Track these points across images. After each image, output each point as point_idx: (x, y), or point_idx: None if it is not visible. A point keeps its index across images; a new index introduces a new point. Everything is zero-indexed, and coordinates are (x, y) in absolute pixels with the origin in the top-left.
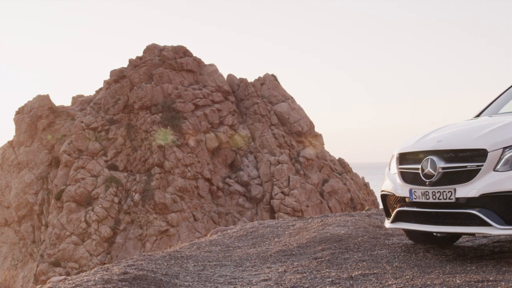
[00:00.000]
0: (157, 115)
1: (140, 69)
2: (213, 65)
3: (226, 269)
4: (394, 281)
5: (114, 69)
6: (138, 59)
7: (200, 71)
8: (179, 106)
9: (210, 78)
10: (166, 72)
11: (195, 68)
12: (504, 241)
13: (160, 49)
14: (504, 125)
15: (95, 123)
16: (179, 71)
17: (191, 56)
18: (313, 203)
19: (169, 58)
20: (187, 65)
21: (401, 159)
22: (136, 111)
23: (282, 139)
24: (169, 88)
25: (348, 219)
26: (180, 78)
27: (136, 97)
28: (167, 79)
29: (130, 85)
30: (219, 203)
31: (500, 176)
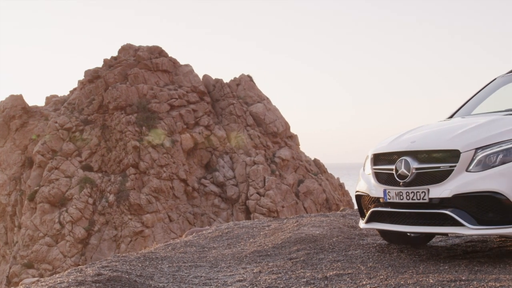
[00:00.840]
0: (132, 115)
1: (115, 69)
2: (188, 65)
3: (201, 270)
4: (368, 281)
5: (88, 69)
6: (113, 59)
7: (176, 72)
8: (154, 107)
9: (186, 79)
10: (141, 72)
11: (170, 68)
12: (477, 240)
13: (135, 49)
14: (477, 126)
15: (69, 123)
16: (154, 71)
17: (166, 57)
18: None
19: (144, 58)
20: (162, 66)
21: (375, 159)
22: (111, 111)
23: (258, 139)
24: (144, 89)
25: (323, 219)
26: (155, 78)
27: (111, 98)
28: (142, 79)
29: (104, 85)
30: (195, 203)
31: (473, 176)
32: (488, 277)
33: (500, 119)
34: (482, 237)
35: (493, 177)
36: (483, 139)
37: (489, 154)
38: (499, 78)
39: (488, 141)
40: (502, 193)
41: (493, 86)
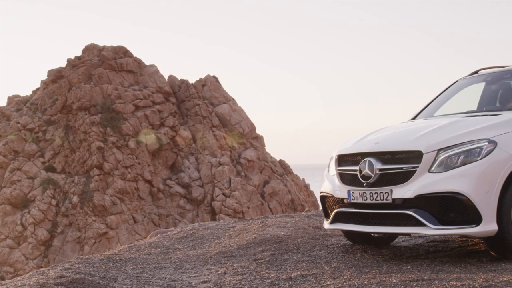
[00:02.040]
0: (96, 116)
1: (78, 69)
2: (153, 65)
3: (165, 272)
4: (332, 281)
5: (51, 69)
6: (76, 59)
7: (141, 72)
8: (119, 107)
9: (151, 79)
10: (106, 72)
11: (135, 68)
12: (439, 240)
13: (99, 49)
14: (439, 127)
15: (32, 124)
16: (119, 71)
17: (131, 57)
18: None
19: (108, 58)
20: (127, 66)
21: (339, 160)
22: (74, 111)
23: (223, 140)
24: (109, 89)
25: (288, 220)
26: (120, 78)
27: (75, 98)
28: (107, 79)
29: (68, 85)
30: (160, 205)
31: (435, 177)
32: (450, 276)
33: (461, 121)
34: (444, 237)
35: (454, 178)
36: (444, 141)
37: (450, 155)
38: (460, 80)
39: (449, 142)
40: (463, 194)
41: (455, 88)
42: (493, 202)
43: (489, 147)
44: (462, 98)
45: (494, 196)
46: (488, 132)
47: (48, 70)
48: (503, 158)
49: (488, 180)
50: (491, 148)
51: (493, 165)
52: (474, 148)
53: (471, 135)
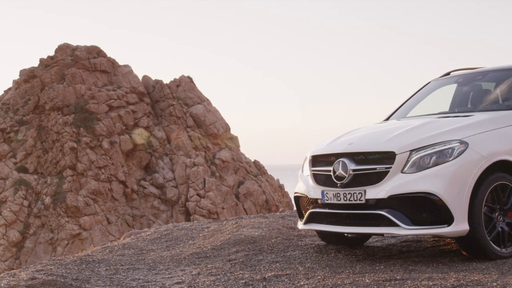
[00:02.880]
0: (70, 116)
1: (51, 69)
2: (127, 66)
3: (139, 273)
4: (306, 281)
5: (24, 69)
6: (49, 59)
7: (115, 72)
8: (93, 107)
9: (125, 79)
10: (79, 72)
11: (109, 68)
12: (411, 240)
13: (72, 48)
14: (411, 128)
15: (3, 124)
16: (92, 71)
17: (105, 57)
18: (228, 205)
19: (82, 58)
20: (101, 66)
21: (313, 161)
22: (47, 112)
23: (198, 141)
24: (82, 89)
25: (262, 220)
26: (93, 78)
27: (48, 98)
28: (80, 79)
29: (41, 85)
30: (134, 205)
31: (407, 178)
32: (422, 276)
33: (433, 122)
34: (416, 237)
35: (426, 178)
36: (417, 141)
37: (423, 155)
38: (432, 81)
39: (422, 143)
40: (435, 194)
41: (427, 89)
42: (465, 202)
43: (461, 148)
44: (434, 99)
45: (466, 197)
46: (460, 133)
47: (20, 70)
48: (474, 159)
49: (460, 181)
50: (463, 149)
51: (464, 165)
52: (446, 149)
53: (443, 136)
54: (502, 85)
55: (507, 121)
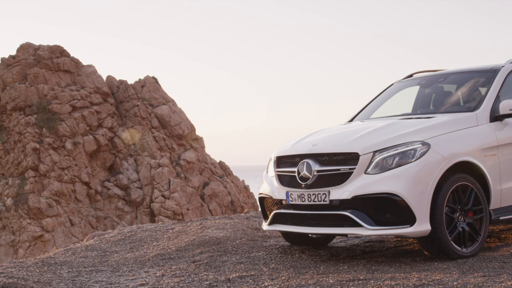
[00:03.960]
0: (32, 116)
1: (13, 69)
2: (91, 66)
3: (102, 275)
4: (270, 282)
5: None
6: (11, 58)
7: (78, 72)
8: (56, 108)
9: (89, 79)
10: (42, 72)
11: (72, 68)
12: (375, 241)
13: (35, 48)
14: (375, 130)
15: None
16: (55, 71)
17: (68, 56)
18: (193, 206)
19: (45, 58)
20: (64, 66)
21: (278, 162)
22: (8, 112)
23: (163, 142)
24: (45, 89)
25: (227, 221)
26: (56, 78)
27: (9, 98)
28: (43, 79)
29: (2, 85)
30: (98, 207)
31: (371, 178)
32: (385, 276)
33: (396, 123)
34: (379, 237)
35: (389, 179)
36: (380, 142)
37: (386, 156)
38: (396, 83)
39: (385, 144)
40: (398, 195)
41: (391, 91)
42: (427, 202)
43: (423, 149)
44: (397, 101)
45: (428, 197)
46: (422, 134)
47: None
48: (436, 160)
49: (422, 181)
50: (425, 150)
51: (426, 166)
52: (408, 150)
53: (405, 137)
54: (463, 87)
55: (467, 123)
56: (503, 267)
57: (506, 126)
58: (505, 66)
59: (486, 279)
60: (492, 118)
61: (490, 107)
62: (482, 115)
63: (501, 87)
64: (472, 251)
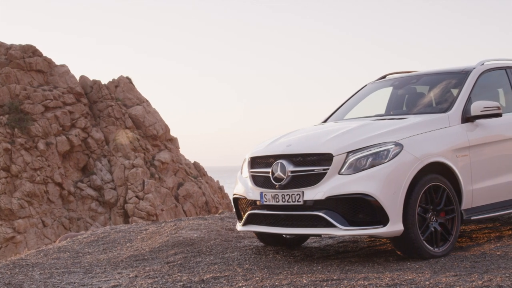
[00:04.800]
0: (3, 116)
1: None
2: (64, 65)
3: (74, 276)
4: (244, 283)
5: None
6: None
7: (51, 72)
8: (28, 108)
9: (62, 79)
10: (14, 72)
11: (45, 68)
12: (348, 241)
13: (6, 47)
14: (348, 130)
15: None
16: (27, 71)
17: (41, 56)
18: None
19: (16, 57)
20: (36, 65)
21: (252, 163)
22: None
23: (137, 142)
24: (17, 89)
25: (201, 222)
26: (29, 78)
27: None
28: (15, 79)
29: None
30: (71, 208)
31: (344, 179)
32: (358, 276)
33: (370, 124)
34: (353, 237)
35: (363, 180)
36: (354, 143)
37: (359, 157)
38: (369, 84)
39: (358, 145)
40: (371, 195)
41: (364, 92)
42: (400, 203)
43: (396, 149)
44: (371, 102)
45: (401, 197)
46: (395, 135)
47: None
48: (409, 160)
49: (395, 182)
50: (398, 150)
51: (399, 167)
52: (381, 151)
53: (379, 138)
54: (435, 88)
55: (440, 124)
56: (474, 267)
57: (478, 127)
58: (476, 68)
59: (457, 278)
60: (463, 119)
61: (461, 108)
62: (454, 116)
63: (473, 89)
64: (444, 251)
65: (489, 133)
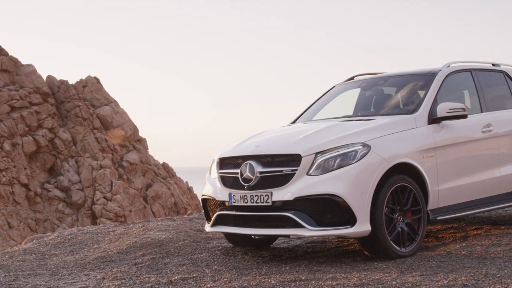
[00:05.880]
0: None
1: None
2: (31, 65)
3: (40, 278)
4: (212, 284)
5: None
6: None
7: (17, 72)
8: None
9: (28, 79)
10: None
11: (11, 68)
12: (317, 241)
13: None
14: (317, 131)
15: None
16: None
17: (6, 55)
18: (136, 208)
19: None
20: (2, 65)
21: (221, 163)
22: None
23: (105, 143)
24: None
25: (169, 223)
26: None
27: None
28: None
29: None
30: (37, 209)
31: (313, 180)
32: (326, 276)
33: (338, 125)
34: (321, 238)
35: (331, 180)
36: (322, 144)
37: (327, 158)
38: (337, 85)
39: (327, 145)
40: (339, 196)
41: (333, 93)
42: (367, 203)
43: (364, 150)
44: (339, 103)
45: (368, 198)
46: (363, 136)
47: None
48: (376, 161)
49: (363, 183)
50: (365, 151)
51: (367, 167)
52: (349, 152)
53: (347, 139)
54: (402, 90)
55: (407, 125)
56: (440, 266)
57: (444, 128)
58: (442, 70)
59: (423, 278)
60: (430, 120)
61: (428, 109)
62: (420, 117)
63: (439, 90)
64: (410, 251)
65: (454, 134)
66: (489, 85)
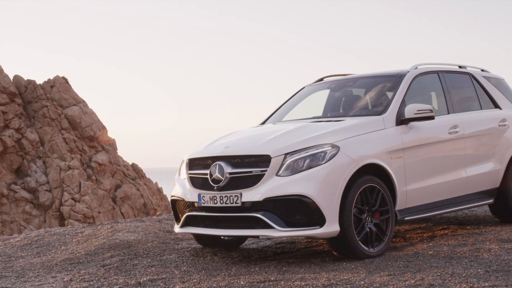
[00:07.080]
0: None
1: None
2: None
3: (6, 281)
4: (181, 285)
5: None
6: None
7: None
8: None
9: None
10: None
11: None
12: (286, 242)
13: None
14: (286, 132)
15: None
16: None
17: None
18: (105, 209)
19: None
20: None
21: (190, 164)
22: None
23: (73, 143)
24: None
25: (138, 224)
26: None
27: None
28: None
29: None
30: (3, 210)
31: (282, 180)
32: (295, 277)
33: (307, 126)
34: (290, 238)
35: (300, 181)
36: (292, 145)
37: (297, 159)
38: (307, 87)
39: (296, 146)
40: (308, 196)
41: (302, 94)
42: (336, 204)
43: (333, 151)
44: (308, 104)
45: (337, 199)
46: (332, 137)
47: None
48: (345, 162)
49: (332, 183)
50: (335, 152)
51: (336, 168)
52: (318, 153)
53: (316, 140)
54: (371, 91)
55: (375, 126)
56: (407, 266)
57: (411, 130)
58: (410, 72)
59: (391, 278)
60: (398, 121)
61: (396, 111)
62: (388, 118)
63: (407, 92)
64: (378, 251)
65: (422, 135)
66: (455, 86)
